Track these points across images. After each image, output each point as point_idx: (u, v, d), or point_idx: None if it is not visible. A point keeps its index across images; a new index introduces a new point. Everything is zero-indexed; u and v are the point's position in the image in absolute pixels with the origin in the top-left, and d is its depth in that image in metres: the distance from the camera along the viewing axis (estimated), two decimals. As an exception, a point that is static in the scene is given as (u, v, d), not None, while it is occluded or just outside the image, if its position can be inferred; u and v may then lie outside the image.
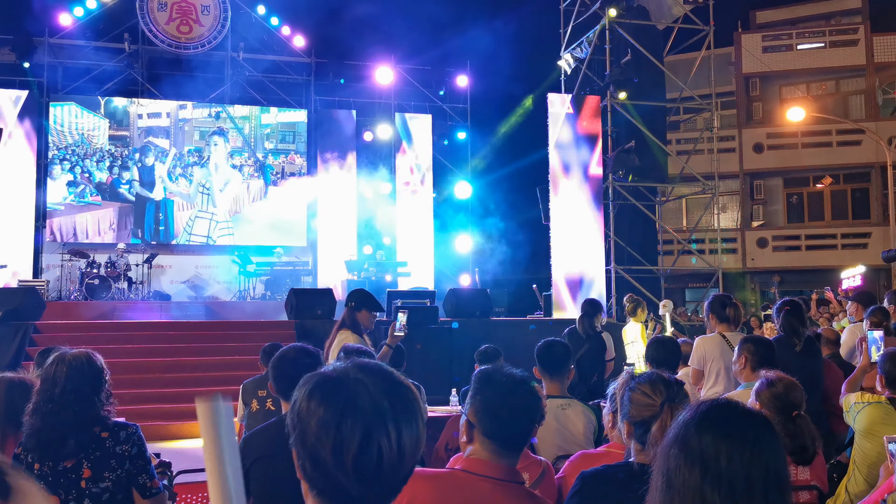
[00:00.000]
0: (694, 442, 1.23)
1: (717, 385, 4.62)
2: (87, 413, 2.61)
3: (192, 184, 16.37)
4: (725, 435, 1.22)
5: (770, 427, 1.27)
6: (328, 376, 1.16)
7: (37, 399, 2.60)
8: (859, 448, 3.48)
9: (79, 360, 2.65)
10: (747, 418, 1.27)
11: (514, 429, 1.95)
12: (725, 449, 1.21)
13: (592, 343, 6.43)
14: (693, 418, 1.27)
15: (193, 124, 16.55)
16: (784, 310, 4.68)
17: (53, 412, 2.55)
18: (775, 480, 1.21)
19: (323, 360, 2.90)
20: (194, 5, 16.44)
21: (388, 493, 1.15)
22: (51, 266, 14.83)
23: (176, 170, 16.35)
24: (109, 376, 2.74)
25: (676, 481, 1.23)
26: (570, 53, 16.65)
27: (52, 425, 2.55)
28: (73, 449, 2.57)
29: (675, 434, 1.27)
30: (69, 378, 2.59)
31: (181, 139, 16.41)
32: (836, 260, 19.41)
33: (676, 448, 1.25)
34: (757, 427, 1.25)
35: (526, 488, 1.98)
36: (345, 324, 4.69)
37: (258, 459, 2.61)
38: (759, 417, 1.28)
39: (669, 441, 1.28)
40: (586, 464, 2.46)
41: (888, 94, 21.33)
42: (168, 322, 11.52)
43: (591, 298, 7.10)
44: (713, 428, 1.24)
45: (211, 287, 15.86)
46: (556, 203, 14.08)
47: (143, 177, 16.14)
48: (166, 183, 16.24)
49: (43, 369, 2.66)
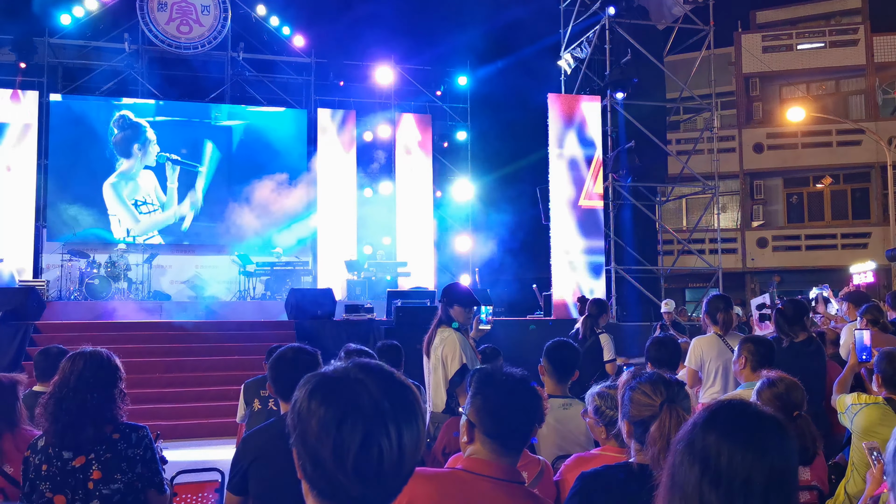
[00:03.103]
0: (698, 440, 1.24)
1: (715, 385, 4.62)
2: (103, 405, 2.64)
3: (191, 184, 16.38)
4: (728, 434, 1.22)
5: (781, 430, 1.25)
6: (329, 376, 1.16)
7: (54, 389, 2.66)
8: (857, 449, 3.48)
9: (97, 355, 2.73)
10: (756, 420, 1.26)
11: (516, 428, 1.95)
12: (727, 448, 1.21)
13: (590, 344, 6.43)
14: (702, 417, 1.28)
15: (192, 125, 16.55)
16: (776, 309, 4.71)
17: (69, 398, 2.60)
18: (779, 483, 1.20)
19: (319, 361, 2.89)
20: (194, 5, 16.44)
21: (389, 494, 1.15)
22: (51, 266, 14.83)
23: (176, 170, 16.36)
24: (124, 377, 2.79)
25: (678, 478, 1.24)
26: (570, 53, 16.64)
27: (69, 409, 2.59)
28: (90, 437, 2.59)
29: (684, 432, 1.28)
30: (87, 370, 2.66)
31: (181, 139, 16.40)
32: (836, 260, 19.41)
33: (682, 445, 1.26)
34: (764, 429, 1.24)
35: (526, 488, 1.99)
36: (441, 321, 4.61)
37: (257, 459, 2.61)
38: (769, 419, 1.27)
39: (678, 438, 1.29)
40: (581, 466, 2.47)
41: (888, 94, 21.32)
42: (168, 322, 11.52)
43: (599, 299, 7.07)
44: (718, 427, 1.24)
45: (211, 287, 15.86)
46: (556, 203, 14.07)
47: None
48: (166, 182, 16.25)
49: (61, 364, 2.73)
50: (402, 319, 10.62)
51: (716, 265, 15.72)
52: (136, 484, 2.66)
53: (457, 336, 4.45)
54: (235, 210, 15.99)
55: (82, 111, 15.92)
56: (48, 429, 2.61)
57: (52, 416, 2.60)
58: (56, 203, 15.45)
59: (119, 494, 2.60)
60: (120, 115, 16.19)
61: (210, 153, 16.58)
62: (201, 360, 10.29)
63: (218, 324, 11.41)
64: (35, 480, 2.60)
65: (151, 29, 16.10)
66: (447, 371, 4.36)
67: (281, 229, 16.09)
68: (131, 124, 16.25)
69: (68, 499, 2.56)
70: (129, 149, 16.25)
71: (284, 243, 16.14)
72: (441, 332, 4.53)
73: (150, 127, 16.37)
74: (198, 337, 10.75)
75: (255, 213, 15.93)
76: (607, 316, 6.87)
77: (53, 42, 15.99)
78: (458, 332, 4.48)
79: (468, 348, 4.44)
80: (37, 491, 2.59)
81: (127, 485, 2.61)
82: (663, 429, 1.98)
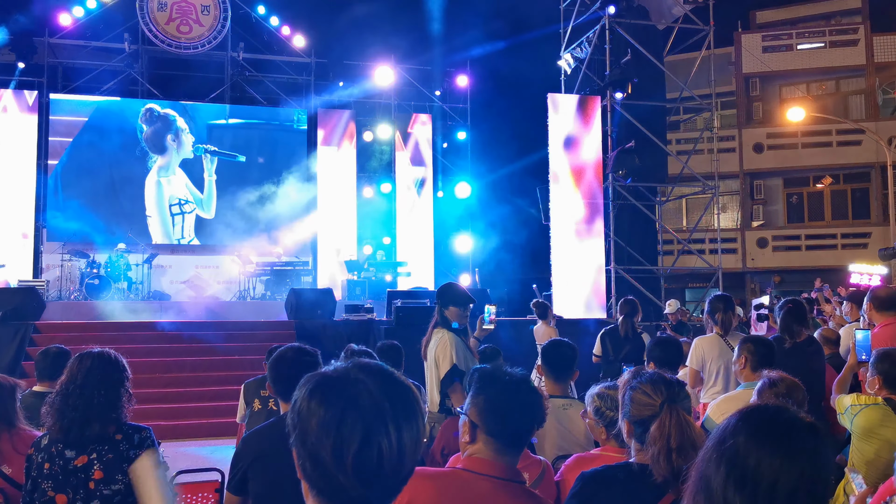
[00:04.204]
0: (728, 439, 1.23)
1: (716, 385, 4.62)
2: (109, 403, 2.66)
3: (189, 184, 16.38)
4: (757, 436, 1.21)
5: (815, 436, 1.23)
6: (329, 376, 1.16)
7: (60, 387, 2.67)
8: (857, 450, 3.47)
9: (105, 355, 2.76)
10: (788, 424, 1.23)
11: (518, 427, 1.95)
12: (755, 450, 1.19)
13: (634, 343, 6.41)
14: (735, 417, 1.26)
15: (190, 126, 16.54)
16: (785, 308, 4.69)
17: (76, 394, 2.62)
18: (808, 490, 1.18)
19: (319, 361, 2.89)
20: (194, 5, 16.44)
21: (388, 494, 1.15)
22: (51, 266, 14.82)
23: (214, 161, 16.38)
24: (131, 377, 2.81)
25: (706, 476, 1.23)
26: (570, 53, 16.64)
27: (75, 406, 2.60)
28: (94, 434, 2.60)
29: (716, 433, 1.27)
30: (95, 368, 2.68)
31: (180, 139, 16.39)
32: (836, 260, 19.39)
33: (712, 442, 1.25)
34: (797, 434, 1.22)
35: (527, 488, 1.99)
36: (438, 323, 4.61)
37: (257, 459, 2.61)
38: (803, 425, 1.24)
39: (711, 436, 1.28)
40: (581, 466, 2.46)
41: (888, 94, 21.32)
42: (168, 322, 11.52)
43: (630, 298, 7.05)
44: (749, 428, 1.23)
45: (211, 287, 15.85)
46: (556, 203, 14.07)
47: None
48: (203, 175, 16.27)
49: (69, 363, 2.76)
50: (401, 319, 10.62)
51: (716, 265, 15.72)
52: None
53: (449, 337, 4.46)
54: (235, 210, 15.99)
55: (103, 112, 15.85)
56: (53, 425, 2.62)
57: (57, 412, 2.61)
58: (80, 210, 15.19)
59: (120, 495, 2.60)
60: (146, 108, 16.07)
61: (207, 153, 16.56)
62: (201, 360, 10.29)
63: (218, 324, 11.41)
64: (37, 479, 2.61)
65: (151, 29, 16.09)
66: (439, 371, 4.38)
67: (281, 229, 16.08)
68: (160, 116, 16.15)
69: (69, 498, 2.56)
70: (163, 142, 16.15)
71: (284, 243, 16.14)
72: (436, 334, 4.55)
73: (178, 115, 16.28)
74: (198, 337, 10.75)
75: (256, 213, 15.93)
76: (640, 314, 6.91)
77: (53, 42, 15.99)
78: (452, 333, 4.49)
79: (461, 349, 4.43)
80: (38, 489, 2.59)
81: (128, 486, 2.62)
82: (663, 429, 1.98)
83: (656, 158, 15.46)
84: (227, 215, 16.10)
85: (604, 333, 6.69)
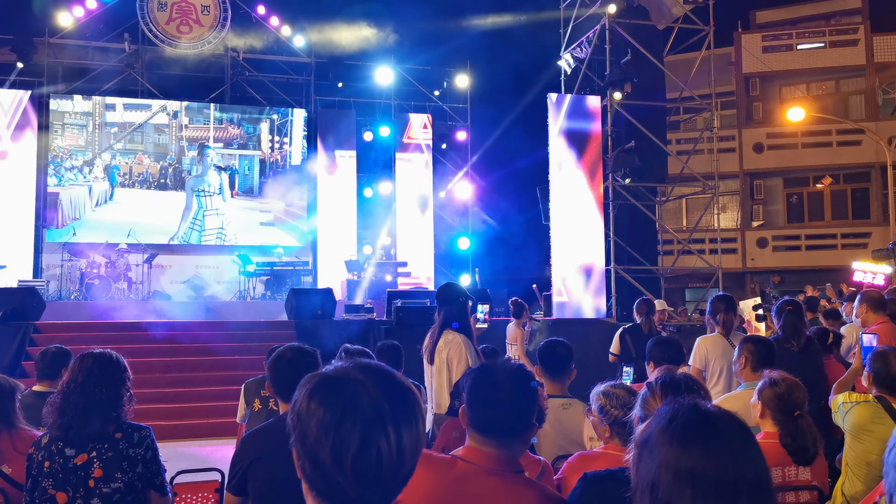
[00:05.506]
0: (653, 439, 1.22)
1: (718, 384, 4.62)
2: (110, 402, 2.67)
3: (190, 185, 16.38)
4: (685, 440, 1.19)
5: (733, 420, 1.22)
6: (329, 377, 1.16)
7: (62, 387, 2.70)
8: (851, 449, 3.47)
9: (106, 355, 2.79)
10: (709, 422, 1.22)
11: (494, 415, 1.90)
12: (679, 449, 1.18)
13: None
14: (657, 428, 1.24)
15: (191, 127, 16.54)
16: (786, 310, 4.68)
17: (77, 392, 2.64)
18: (749, 489, 1.15)
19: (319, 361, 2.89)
20: (194, 5, 16.43)
21: (388, 494, 1.14)
22: (51, 266, 14.82)
23: (176, 170, 16.37)
24: (132, 378, 2.83)
25: (641, 475, 1.23)
26: (570, 53, 16.63)
27: (76, 404, 2.62)
28: (95, 432, 2.61)
29: (642, 429, 1.27)
30: (96, 368, 2.71)
31: (179, 139, 16.40)
32: (836, 260, 19.39)
33: (639, 439, 1.26)
34: (719, 431, 1.20)
35: (513, 475, 1.91)
36: (441, 324, 4.62)
37: (257, 459, 2.61)
38: (719, 414, 1.23)
39: (636, 435, 1.29)
40: (584, 465, 2.46)
41: (888, 94, 21.32)
42: (168, 322, 11.51)
43: (646, 297, 7.12)
44: (674, 436, 1.20)
45: (211, 287, 15.85)
46: (556, 203, 14.06)
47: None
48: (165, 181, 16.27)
49: (71, 363, 2.79)
50: (401, 319, 10.62)
51: (716, 265, 15.71)
52: (137, 484, 2.67)
53: (462, 339, 4.47)
54: (235, 210, 15.98)
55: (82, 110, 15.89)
56: (53, 423, 2.64)
57: (59, 410, 2.64)
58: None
59: (119, 493, 2.60)
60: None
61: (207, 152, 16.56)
62: (201, 360, 10.28)
63: (218, 324, 11.40)
64: (38, 477, 2.62)
65: (151, 29, 16.09)
66: (452, 374, 4.37)
67: (281, 229, 16.08)
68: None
69: (69, 496, 2.57)
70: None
71: (284, 243, 16.14)
72: (446, 335, 4.55)
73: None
74: (198, 337, 10.74)
75: (256, 213, 15.92)
76: (657, 313, 6.95)
77: (53, 42, 15.98)
78: (463, 335, 4.49)
79: (473, 351, 4.45)
80: (39, 488, 2.61)
81: (127, 484, 2.62)
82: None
83: (656, 158, 15.44)
84: (227, 215, 16.09)
85: (623, 332, 6.70)
